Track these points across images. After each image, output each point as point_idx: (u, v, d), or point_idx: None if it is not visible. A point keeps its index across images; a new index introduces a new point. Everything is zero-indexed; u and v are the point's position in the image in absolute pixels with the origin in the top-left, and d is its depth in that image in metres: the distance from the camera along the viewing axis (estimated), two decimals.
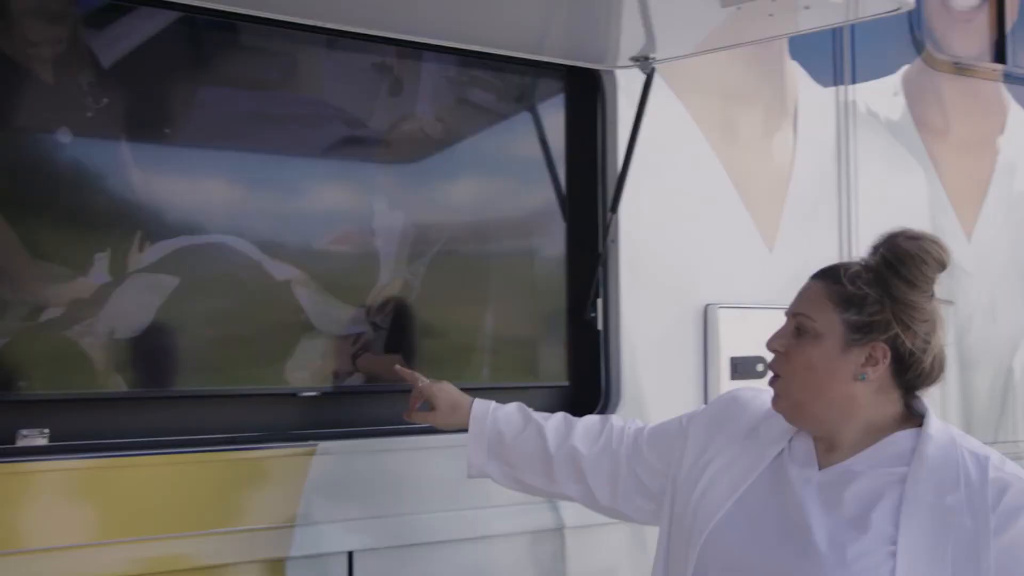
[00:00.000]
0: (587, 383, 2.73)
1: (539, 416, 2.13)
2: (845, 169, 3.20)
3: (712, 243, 2.92)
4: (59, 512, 1.99)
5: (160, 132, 2.19)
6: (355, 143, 2.43)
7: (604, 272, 2.72)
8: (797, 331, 1.76)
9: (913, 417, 1.76)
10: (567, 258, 2.73)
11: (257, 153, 2.31)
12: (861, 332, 1.72)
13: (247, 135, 2.30)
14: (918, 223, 3.35)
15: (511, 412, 2.14)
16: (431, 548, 2.41)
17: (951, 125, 3.50)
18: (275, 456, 2.24)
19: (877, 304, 1.71)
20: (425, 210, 2.53)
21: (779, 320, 1.80)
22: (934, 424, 1.73)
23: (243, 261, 2.26)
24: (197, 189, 2.24)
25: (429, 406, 2.18)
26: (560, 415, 2.14)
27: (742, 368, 2.89)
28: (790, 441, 1.82)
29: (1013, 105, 3.68)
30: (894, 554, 1.62)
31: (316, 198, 2.39)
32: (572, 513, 2.57)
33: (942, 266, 1.73)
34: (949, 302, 1.90)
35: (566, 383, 2.71)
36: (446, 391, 2.19)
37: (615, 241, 2.73)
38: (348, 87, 2.41)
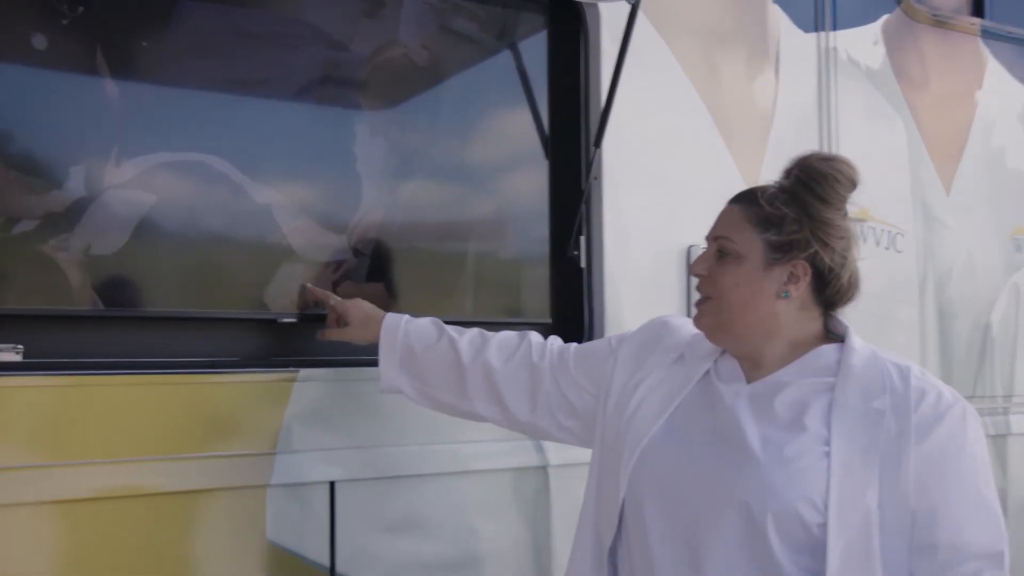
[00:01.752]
0: (570, 320, 2.69)
1: (453, 330, 2.13)
2: (826, 116, 3.20)
3: (694, 184, 2.89)
4: (31, 430, 1.92)
5: (138, 44, 2.13)
6: (338, 65, 2.39)
7: (587, 209, 2.69)
8: (719, 254, 1.80)
9: (831, 336, 1.83)
10: (550, 194, 2.70)
11: (238, 71, 2.26)
12: (781, 251, 1.77)
13: (229, 52, 2.24)
14: (898, 174, 3.40)
15: (424, 325, 2.14)
16: (415, 481, 2.36)
17: (930, 77, 3.50)
18: (255, 382, 2.18)
19: (795, 223, 1.76)
20: (408, 139, 2.48)
21: None
22: (856, 340, 1.80)
23: (223, 181, 2.21)
24: (175, 105, 2.18)
25: (342, 322, 2.19)
26: (475, 330, 2.14)
27: None
28: (715, 362, 1.87)
29: (991, 60, 3.69)
30: (828, 454, 1.67)
31: (297, 120, 2.34)
32: (556, 451, 2.54)
33: (854, 185, 1.81)
34: (861, 220, 2.00)
35: (548, 320, 2.68)
36: (359, 306, 2.19)
37: (598, 178, 2.70)
38: (331, 7, 2.36)
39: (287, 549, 2.17)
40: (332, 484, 2.24)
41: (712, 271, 1.81)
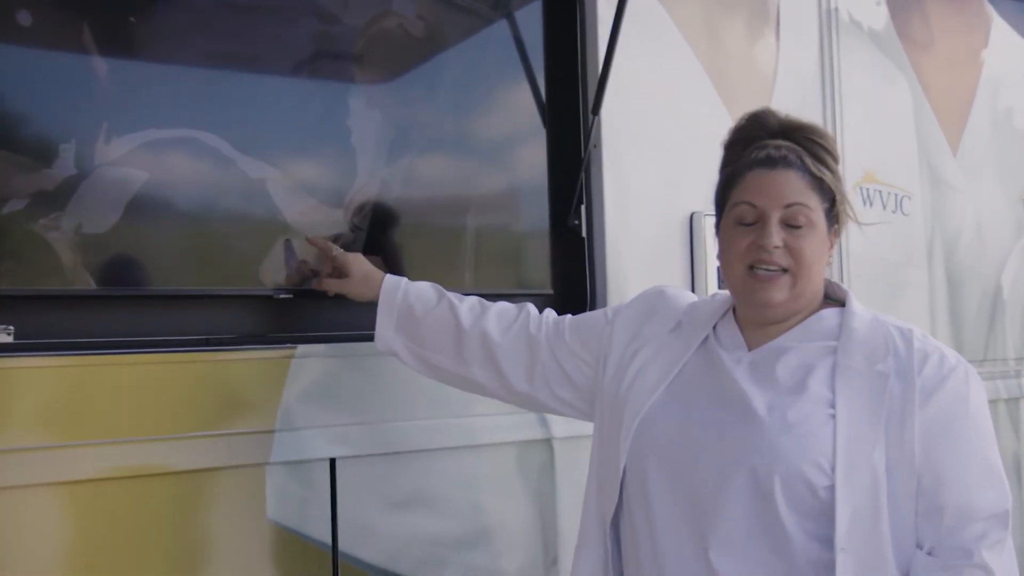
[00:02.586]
0: (572, 291, 2.66)
1: (453, 296, 2.10)
2: (829, 79, 3.15)
3: (696, 151, 2.84)
4: (23, 412, 1.89)
5: (126, 19, 2.09)
6: (332, 37, 2.35)
7: (587, 178, 2.65)
8: (789, 223, 1.73)
9: (828, 300, 1.82)
10: (549, 164, 2.66)
11: (230, 44, 2.22)
12: (831, 218, 1.77)
13: (220, 25, 2.21)
14: (904, 136, 3.35)
15: (424, 288, 2.11)
16: (417, 456, 2.34)
17: (934, 37, 3.44)
18: (252, 359, 2.15)
19: (836, 190, 1.76)
20: (404, 111, 2.44)
21: None
22: (856, 303, 1.79)
23: (216, 157, 2.17)
24: (165, 81, 2.14)
25: (341, 274, 2.15)
26: (474, 298, 2.10)
27: None
28: (714, 328, 1.84)
29: (996, 18, 3.63)
30: (833, 416, 1.66)
31: (291, 94, 2.30)
32: (560, 424, 2.51)
33: None
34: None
35: (550, 291, 2.64)
36: (360, 261, 2.16)
37: (597, 147, 2.66)
38: None
39: (288, 528, 2.14)
40: (332, 461, 2.21)
41: (786, 242, 1.73)
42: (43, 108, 2.02)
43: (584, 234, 2.65)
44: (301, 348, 2.20)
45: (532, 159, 2.64)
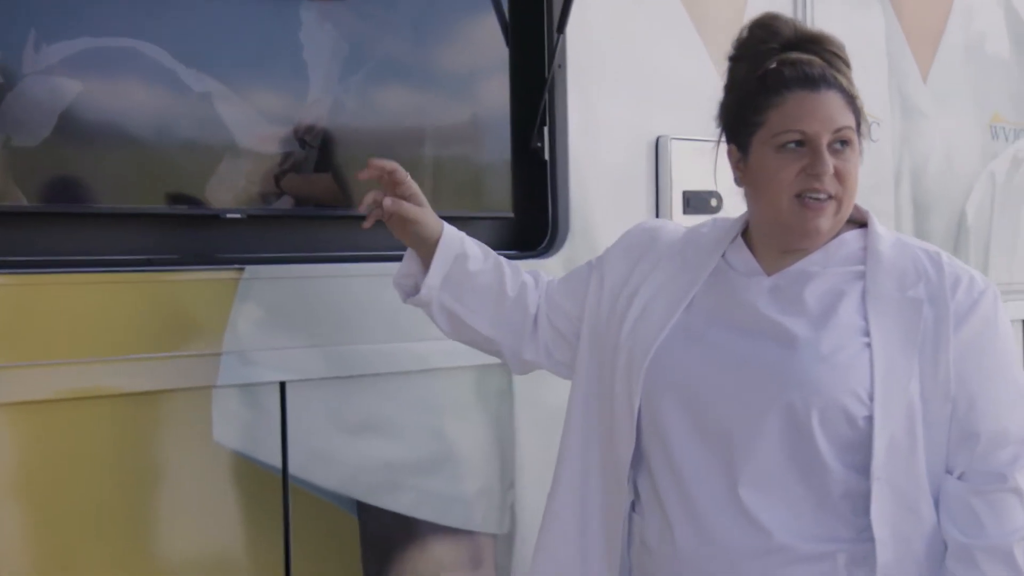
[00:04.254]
0: (533, 215, 2.60)
1: (496, 254, 1.97)
2: (800, 1, 3.07)
3: (664, 72, 2.77)
4: None
5: None
6: None
7: (550, 99, 2.57)
8: (832, 147, 1.64)
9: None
10: (511, 83, 2.57)
11: None
12: (860, 135, 1.68)
13: None
14: (875, 62, 3.28)
15: (473, 243, 1.95)
16: (371, 380, 2.28)
17: None
18: (198, 279, 2.08)
19: (862, 105, 1.68)
20: (359, 24, 2.34)
21: None
22: (879, 225, 1.72)
23: (155, 68, 2.07)
24: None
25: (415, 201, 1.89)
26: (504, 259, 1.98)
27: (695, 202, 2.77)
28: (723, 255, 1.76)
29: None
30: (869, 345, 1.60)
31: (237, 2, 2.19)
32: None
33: None
34: None
35: (511, 215, 2.57)
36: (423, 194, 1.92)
37: (562, 66, 2.57)
38: None
39: (235, 451, 2.09)
40: (283, 384, 2.15)
41: (835, 167, 1.63)
42: None
43: (547, 156, 2.58)
44: (249, 269, 2.12)
45: (494, 79, 2.55)
